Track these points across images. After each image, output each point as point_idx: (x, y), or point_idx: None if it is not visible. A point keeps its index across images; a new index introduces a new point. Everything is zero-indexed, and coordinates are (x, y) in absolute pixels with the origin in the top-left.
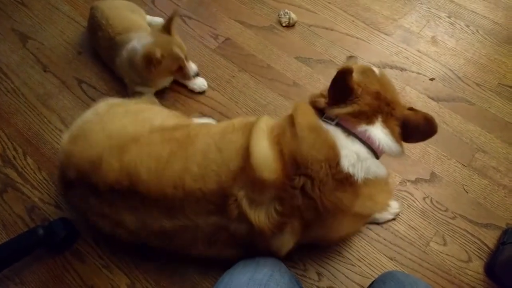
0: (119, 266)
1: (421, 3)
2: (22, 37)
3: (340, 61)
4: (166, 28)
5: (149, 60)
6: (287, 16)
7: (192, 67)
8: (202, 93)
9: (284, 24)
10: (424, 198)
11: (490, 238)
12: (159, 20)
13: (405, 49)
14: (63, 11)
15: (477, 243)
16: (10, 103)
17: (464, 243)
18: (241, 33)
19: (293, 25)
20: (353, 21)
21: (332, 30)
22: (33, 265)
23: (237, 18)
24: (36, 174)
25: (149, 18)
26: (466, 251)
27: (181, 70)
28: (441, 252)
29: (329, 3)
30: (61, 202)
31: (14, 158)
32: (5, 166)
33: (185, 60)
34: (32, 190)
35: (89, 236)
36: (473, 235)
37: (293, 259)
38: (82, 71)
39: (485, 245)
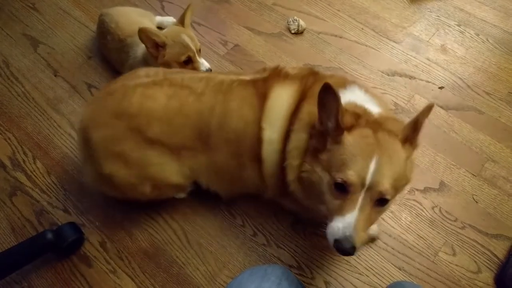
0: (125, 271)
1: (430, 11)
2: (33, 42)
3: (349, 69)
4: (180, 21)
5: (152, 41)
6: (296, 23)
7: (204, 63)
8: None
9: (293, 31)
10: (433, 208)
11: (500, 249)
12: (170, 20)
13: (414, 57)
14: (74, 17)
15: (486, 254)
16: (20, 107)
17: (473, 253)
18: (250, 39)
19: (302, 32)
20: (362, 28)
21: (341, 37)
22: (40, 269)
23: (246, 24)
24: (45, 178)
25: (159, 18)
26: (475, 261)
27: (191, 62)
28: (450, 263)
29: (338, 10)
30: (69, 206)
31: (24, 161)
32: (15, 170)
33: (196, 53)
34: (41, 194)
35: (96, 240)
36: (482, 246)
37: (301, 267)
38: (92, 75)
39: (495, 256)
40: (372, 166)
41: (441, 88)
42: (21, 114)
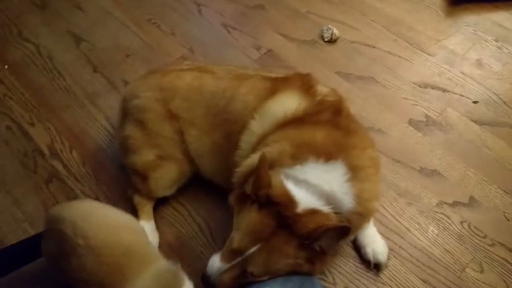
0: None
1: (467, 25)
2: (76, 39)
3: (381, 78)
4: None
5: None
6: (330, 32)
7: None
8: None
9: (326, 39)
10: (461, 222)
11: None
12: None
13: (448, 70)
14: (115, 17)
15: None
16: (61, 99)
17: (503, 272)
18: (283, 45)
19: (335, 41)
20: (395, 39)
21: (374, 47)
22: None
23: (280, 31)
24: (80, 168)
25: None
26: (504, 281)
27: None
28: (477, 280)
29: (372, 20)
30: (101, 195)
31: (61, 151)
32: (52, 158)
33: None
34: (75, 182)
35: None
36: None
37: (323, 272)
38: (129, 73)
39: None
40: (252, 250)
41: (475, 102)
42: (61, 106)
